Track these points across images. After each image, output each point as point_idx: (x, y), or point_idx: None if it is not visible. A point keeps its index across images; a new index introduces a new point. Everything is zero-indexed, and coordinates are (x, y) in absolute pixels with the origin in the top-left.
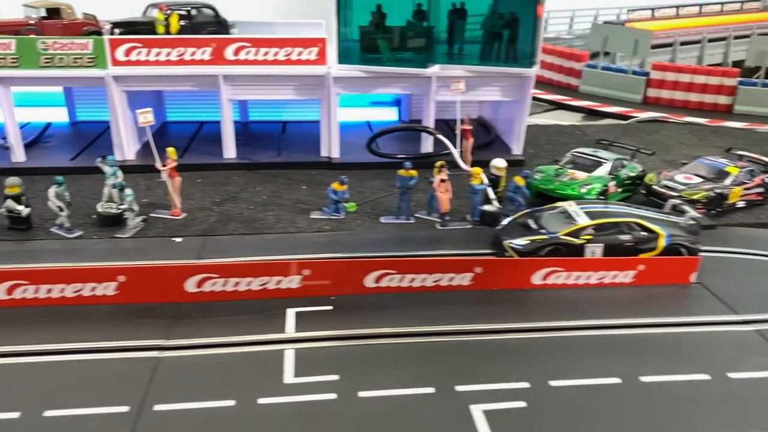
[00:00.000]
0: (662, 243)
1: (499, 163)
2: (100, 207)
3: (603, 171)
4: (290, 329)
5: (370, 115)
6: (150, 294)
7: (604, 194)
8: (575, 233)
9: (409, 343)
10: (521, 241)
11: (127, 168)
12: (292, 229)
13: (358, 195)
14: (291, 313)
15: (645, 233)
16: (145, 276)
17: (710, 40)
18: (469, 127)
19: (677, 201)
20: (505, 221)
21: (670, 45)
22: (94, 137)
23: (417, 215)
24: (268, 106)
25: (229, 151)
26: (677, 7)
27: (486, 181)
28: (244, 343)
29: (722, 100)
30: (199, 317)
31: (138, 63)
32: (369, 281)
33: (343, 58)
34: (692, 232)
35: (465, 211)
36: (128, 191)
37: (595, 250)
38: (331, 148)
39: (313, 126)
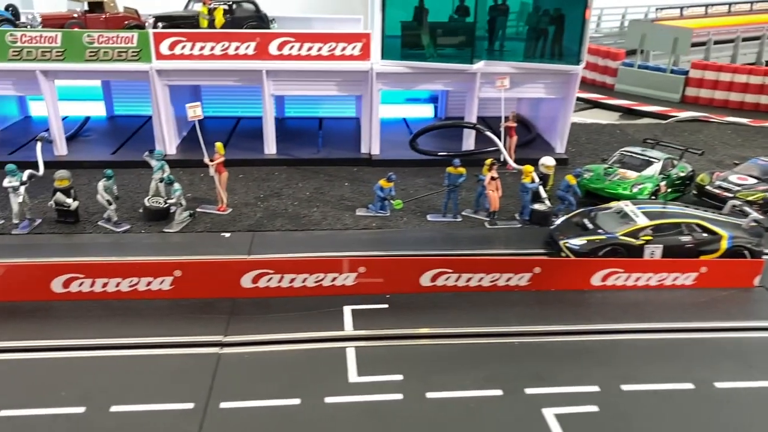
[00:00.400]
0: (724, 245)
1: (548, 161)
2: (148, 201)
3: (653, 170)
4: (349, 327)
5: (405, 112)
6: (205, 289)
7: (655, 194)
8: (634, 233)
9: (471, 344)
10: (578, 241)
11: (169, 162)
12: (339, 226)
13: (401, 193)
14: (347, 311)
15: (706, 235)
16: (201, 271)
17: (744, 40)
18: (514, 125)
19: (737, 202)
20: (559, 220)
21: (702, 44)
22: (132, 131)
23: (464, 213)
24: (305, 102)
25: (270, 147)
26: (706, 6)
27: (537, 179)
28: (304, 340)
29: (764, 100)
30: (256, 313)
31: (182, 57)
32: (425, 280)
33: (387, 53)
34: (755, 235)
35: (513, 210)
36: (177, 186)
37: (654, 251)
38: (371, 144)
39: (349, 122)
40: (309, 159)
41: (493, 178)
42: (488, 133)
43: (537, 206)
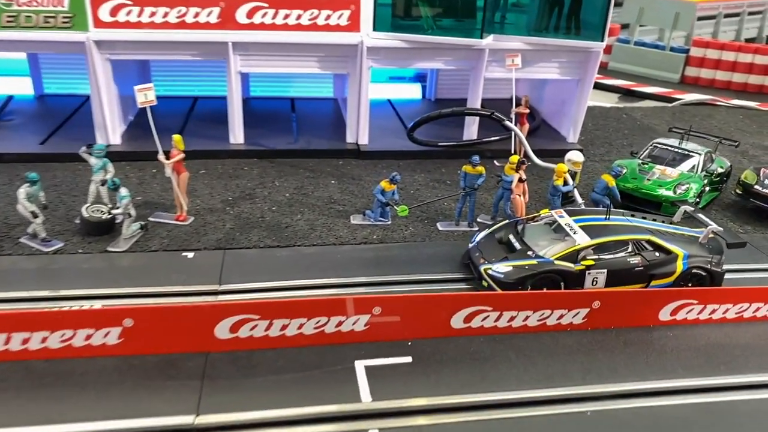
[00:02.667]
0: (679, 266)
1: (576, 156)
2: (86, 210)
3: (695, 166)
4: (366, 395)
5: (389, 92)
6: (167, 342)
7: (699, 196)
8: (572, 256)
9: (530, 417)
10: (503, 268)
11: (112, 155)
12: (332, 240)
13: (400, 194)
14: (360, 368)
15: (658, 254)
16: (160, 318)
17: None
18: (527, 111)
19: (689, 208)
20: (480, 235)
21: (707, 18)
22: (67, 115)
23: (479, 220)
24: (274, 79)
25: (237, 135)
26: None
27: (571, 181)
28: (308, 420)
29: None
30: (237, 377)
31: (127, 25)
32: (457, 321)
33: (381, 24)
34: (715, 251)
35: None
36: (123, 191)
37: (597, 278)
38: (359, 133)
39: (326, 104)
40: (285, 150)
41: (521, 180)
42: (508, 124)
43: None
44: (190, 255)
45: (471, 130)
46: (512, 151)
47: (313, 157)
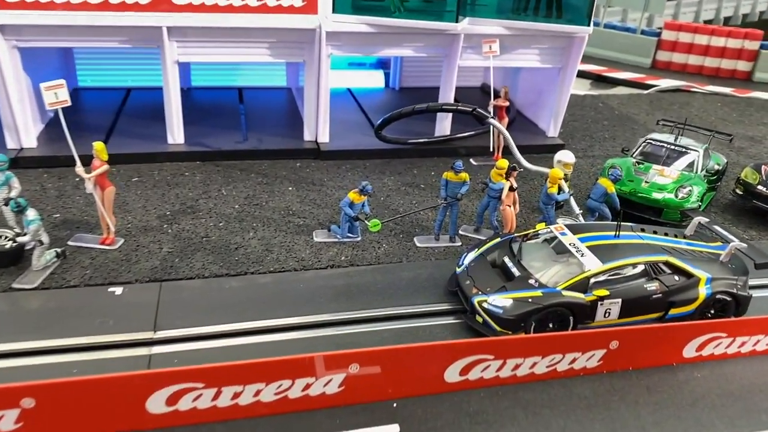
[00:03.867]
0: (702, 292)
1: (566, 157)
2: None
3: (693, 165)
4: None
5: (348, 80)
6: (82, 424)
7: (702, 199)
8: (582, 285)
9: None
10: (501, 301)
11: (26, 161)
12: (292, 263)
13: (374, 205)
14: None
15: (678, 278)
16: (70, 395)
17: None
18: (506, 103)
19: (704, 219)
20: (468, 257)
21: None
22: None
23: (461, 232)
24: (219, 66)
25: (176, 134)
26: None
27: (567, 189)
28: None
29: (741, 66)
30: None
31: (37, 6)
32: (452, 374)
33: (341, 6)
34: (740, 272)
35: (524, 229)
36: (31, 214)
37: (610, 309)
38: (318, 129)
39: (278, 95)
40: (232, 151)
41: (512, 189)
42: (493, 122)
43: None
44: (119, 291)
45: (443, 125)
46: (491, 149)
47: (265, 158)
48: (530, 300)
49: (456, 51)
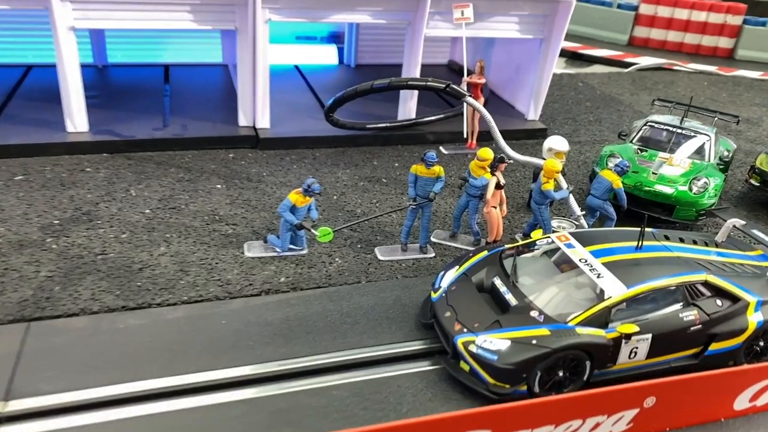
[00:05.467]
0: (752, 321)
1: (558, 143)
2: None
3: (704, 152)
4: None
5: (296, 55)
6: None
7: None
8: (601, 317)
9: None
10: (495, 343)
11: None
12: (213, 289)
13: (318, 201)
14: None
15: (721, 302)
16: None
17: None
18: (482, 80)
19: (740, 221)
20: (446, 277)
21: None
22: None
23: (434, 239)
24: (141, 39)
25: (76, 120)
26: None
27: (565, 184)
28: None
29: (723, 42)
30: None
31: None
32: None
33: None
34: None
35: (512, 233)
36: None
37: (637, 348)
38: (257, 113)
39: (213, 73)
40: (149, 140)
41: (498, 186)
42: (471, 100)
43: (557, 227)
44: None
45: (408, 106)
46: (464, 135)
47: (190, 148)
48: (535, 342)
49: (422, 17)
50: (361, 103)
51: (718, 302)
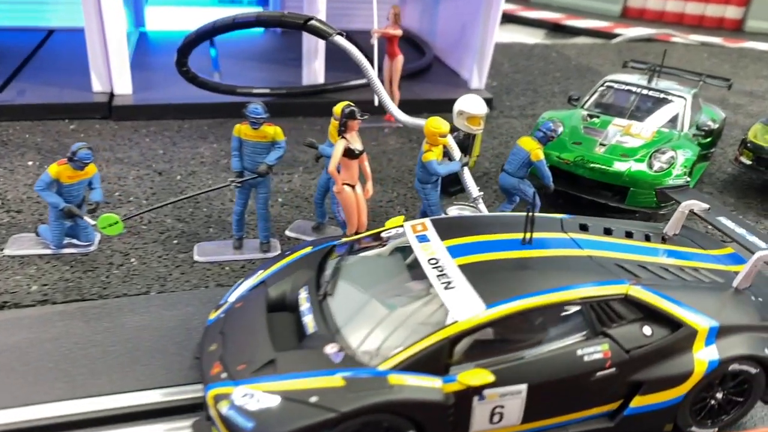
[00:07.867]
0: (702, 362)
1: (471, 106)
2: None
3: (677, 119)
4: None
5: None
6: None
7: (691, 171)
8: (434, 359)
9: None
10: (257, 398)
11: None
12: None
13: (151, 180)
14: None
15: (652, 329)
16: None
17: None
18: (397, 33)
19: (703, 204)
20: (243, 286)
21: None
22: None
23: (288, 233)
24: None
25: None
26: None
27: (458, 154)
28: None
29: (730, 12)
30: None
31: None
32: None
33: None
34: None
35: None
36: None
37: (502, 408)
38: (113, 74)
39: None
40: None
41: (352, 155)
42: (340, 39)
43: (453, 212)
44: None
45: (313, 68)
46: (375, 104)
47: (24, 118)
48: (314, 399)
49: None
50: (260, 67)
51: (646, 330)
